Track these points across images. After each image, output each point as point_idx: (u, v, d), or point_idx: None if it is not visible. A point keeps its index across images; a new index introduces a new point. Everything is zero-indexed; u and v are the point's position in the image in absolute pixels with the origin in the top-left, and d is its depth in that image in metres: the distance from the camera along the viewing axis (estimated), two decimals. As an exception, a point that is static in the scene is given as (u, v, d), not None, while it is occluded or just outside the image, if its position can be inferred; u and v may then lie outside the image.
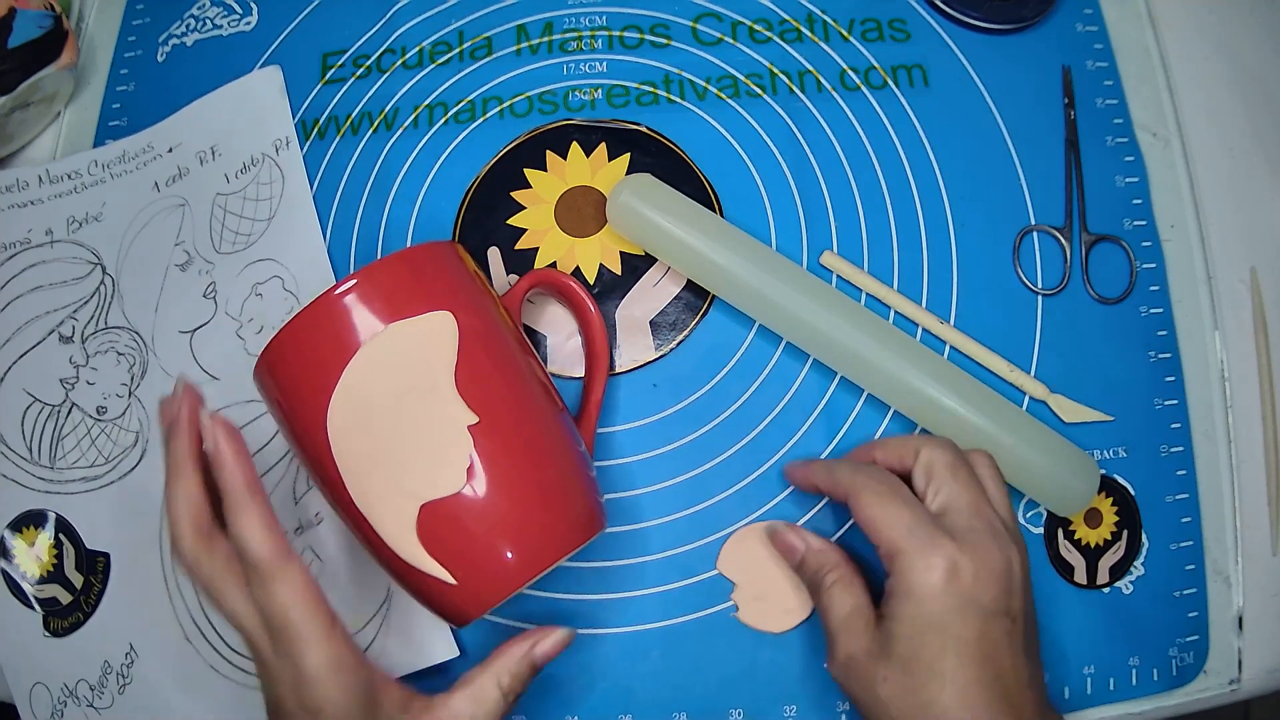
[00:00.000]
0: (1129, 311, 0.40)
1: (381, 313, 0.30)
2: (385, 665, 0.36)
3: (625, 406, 0.38)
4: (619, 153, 0.41)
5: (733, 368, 0.39)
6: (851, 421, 0.38)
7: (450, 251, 0.33)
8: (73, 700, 0.38)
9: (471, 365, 0.30)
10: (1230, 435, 0.39)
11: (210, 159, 0.43)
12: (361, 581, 0.37)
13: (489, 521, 0.29)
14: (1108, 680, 0.36)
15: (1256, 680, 0.37)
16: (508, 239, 0.40)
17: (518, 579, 0.30)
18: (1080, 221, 0.41)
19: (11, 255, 0.42)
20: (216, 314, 0.40)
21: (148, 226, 0.42)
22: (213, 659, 0.37)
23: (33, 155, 0.45)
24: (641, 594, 0.37)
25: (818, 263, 0.40)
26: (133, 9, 0.47)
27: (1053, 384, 0.38)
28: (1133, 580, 0.37)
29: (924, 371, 0.35)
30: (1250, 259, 0.41)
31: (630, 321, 0.39)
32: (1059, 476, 0.35)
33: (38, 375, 0.40)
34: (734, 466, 0.38)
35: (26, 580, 0.39)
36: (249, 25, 0.45)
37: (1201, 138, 0.42)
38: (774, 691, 0.36)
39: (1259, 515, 0.39)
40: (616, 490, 0.38)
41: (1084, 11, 0.44)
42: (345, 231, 0.41)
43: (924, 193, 0.41)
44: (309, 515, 0.38)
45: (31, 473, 0.40)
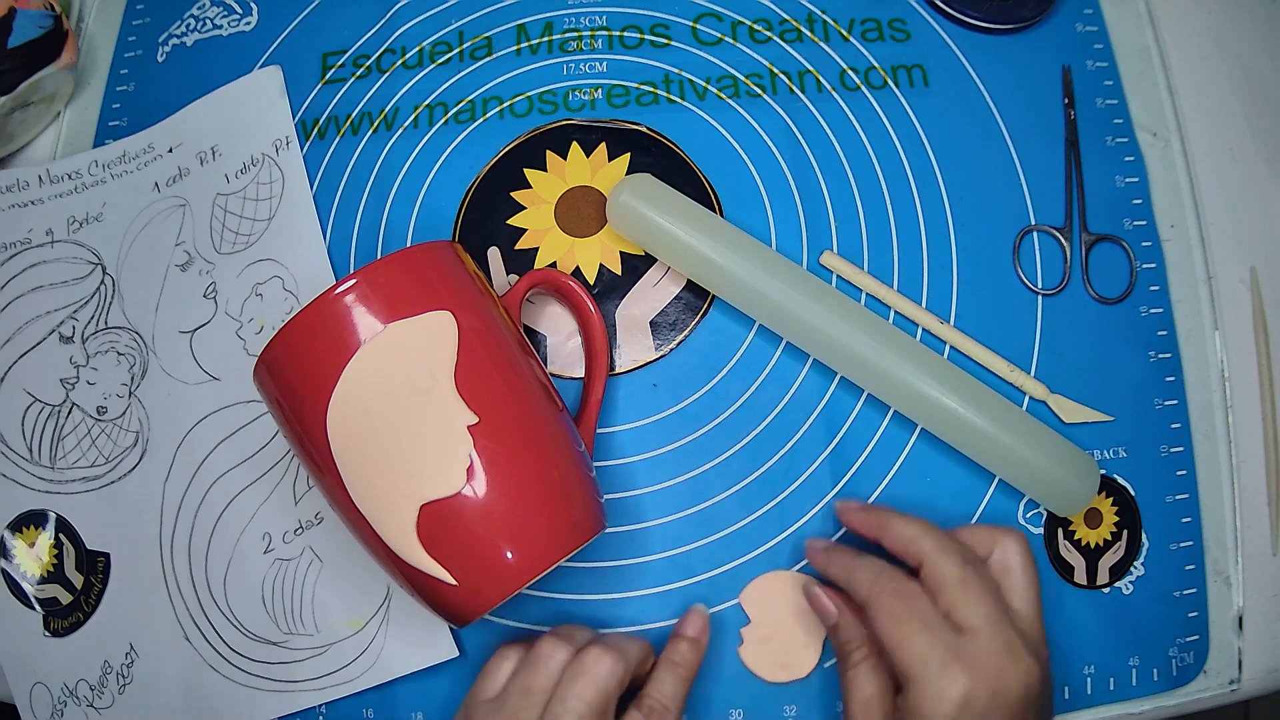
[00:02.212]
0: (1129, 311, 0.40)
1: (381, 313, 0.30)
2: (385, 665, 0.36)
3: (625, 406, 0.38)
4: (619, 153, 0.41)
5: (733, 368, 0.39)
6: (851, 421, 0.38)
7: (450, 251, 0.33)
8: (73, 700, 0.38)
9: (471, 365, 0.30)
10: (1230, 435, 0.39)
11: (210, 159, 0.43)
12: (361, 581, 0.37)
13: (489, 522, 0.29)
14: (1108, 680, 0.36)
15: (1256, 680, 0.37)
16: (508, 239, 0.40)
17: (518, 579, 0.30)
18: (1080, 221, 0.41)
19: (12, 255, 0.42)
20: (216, 314, 0.40)
21: (148, 226, 0.42)
22: (213, 659, 0.37)
23: (33, 155, 0.45)
24: (641, 594, 0.37)
25: (818, 263, 0.40)
26: (133, 9, 0.47)
27: (1053, 384, 0.38)
28: (1133, 580, 0.37)
29: (924, 371, 0.35)
30: (1250, 259, 0.41)
31: (630, 321, 0.39)
32: (1059, 476, 0.35)
33: (38, 375, 0.40)
34: (734, 466, 0.38)
35: (27, 580, 0.39)
36: (249, 25, 0.45)
37: (1201, 138, 0.42)
38: (774, 692, 0.36)
39: (1259, 515, 0.39)
40: (616, 490, 0.38)
41: (1084, 11, 0.44)
42: (345, 231, 0.41)
43: (924, 193, 0.41)
44: (309, 515, 0.38)
45: (32, 473, 0.40)
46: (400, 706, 0.36)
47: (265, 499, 0.38)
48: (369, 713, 0.37)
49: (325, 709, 0.37)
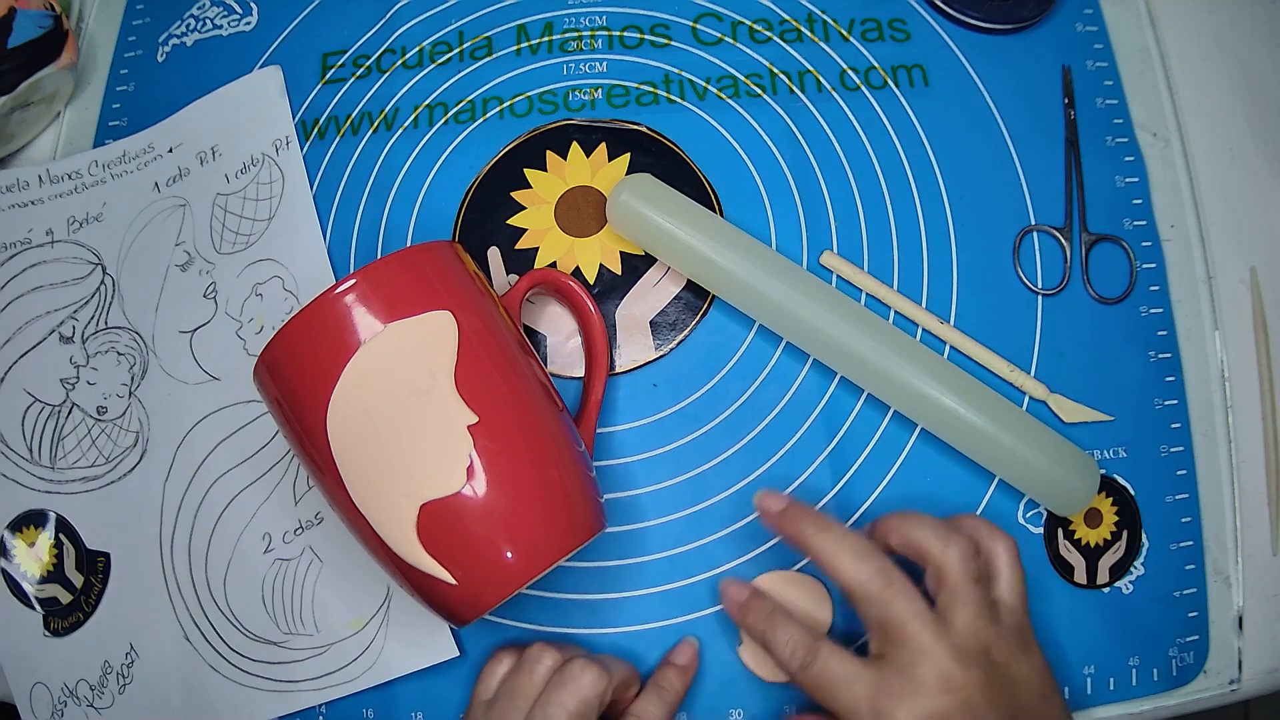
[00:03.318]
0: (1129, 311, 0.40)
1: (381, 312, 0.30)
2: (385, 665, 0.36)
3: (625, 406, 0.38)
4: (619, 153, 0.41)
5: (733, 368, 0.39)
6: (851, 421, 0.38)
7: (450, 251, 0.33)
8: (73, 700, 0.38)
9: (471, 365, 0.30)
10: (1230, 435, 0.39)
11: (210, 159, 0.43)
12: (361, 581, 0.37)
13: (489, 522, 0.29)
14: (1108, 680, 0.36)
15: (1256, 680, 0.37)
16: (508, 239, 0.40)
17: (518, 579, 0.30)
18: (1080, 221, 0.41)
19: (12, 255, 0.42)
20: (216, 314, 0.40)
21: (148, 227, 0.42)
22: (213, 659, 0.37)
23: (33, 155, 0.45)
24: (641, 594, 0.37)
25: (818, 263, 0.40)
26: (133, 9, 0.47)
27: (1053, 384, 0.38)
28: (1133, 580, 0.37)
29: (924, 371, 0.35)
30: (1250, 259, 0.41)
31: (630, 321, 0.39)
32: (1059, 476, 0.35)
33: (38, 375, 0.40)
34: (734, 466, 0.38)
35: (27, 580, 0.39)
36: (249, 25, 0.45)
37: (1201, 138, 0.42)
38: (774, 692, 0.36)
39: (1259, 515, 0.39)
40: (616, 490, 0.38)
41: (1084, 11, 0.44)
42: (345, 231, 0.41)
43: (924, 193, 0.41)
44: (309, 515, 0.38)
45: (32, 473, 0.40)
46: (400, 706, 0.36)
47: (265, 499, 0.38)
48: (369, 713, 0.37)
49: (325, 709, 0.37)
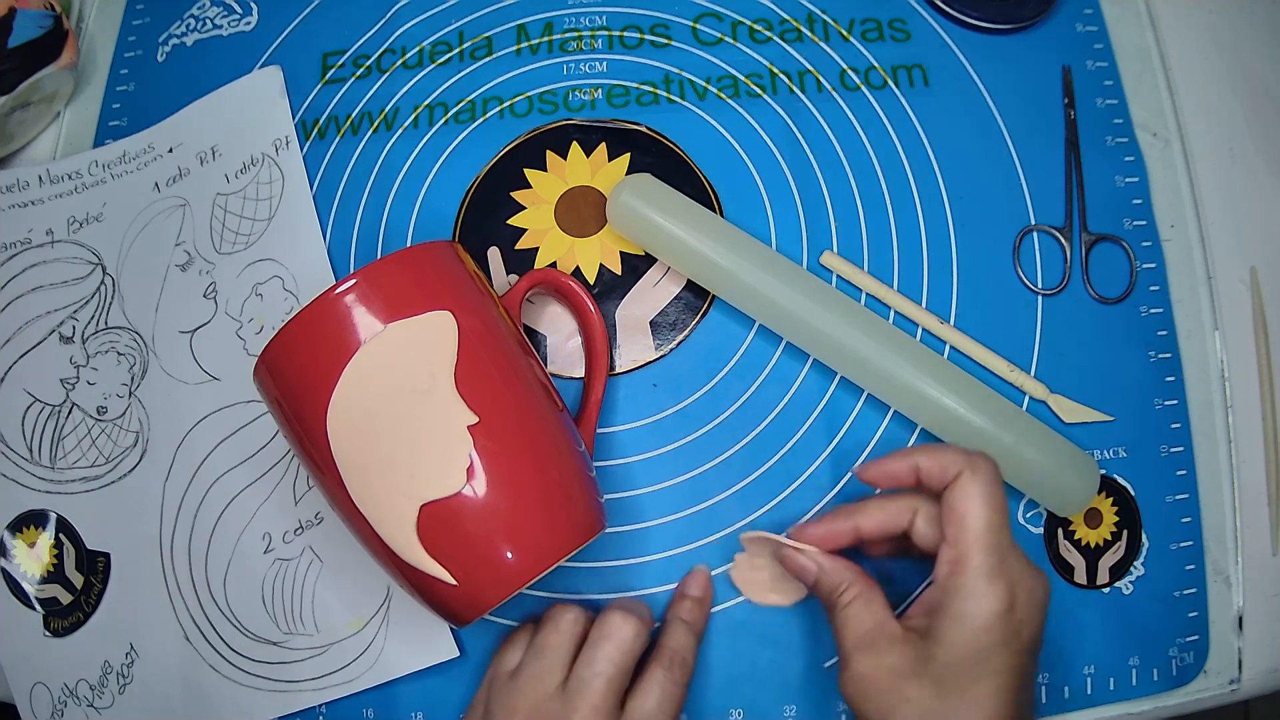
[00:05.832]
0: (1129, 311, 0.40)
1: (381, 312, 0.30)
2: (385, 665, 0.36)
3: (625, 406, 0.38)
4: (619, 153, 0.41)
5: (733, 368, 0.39)
6: (851, 421, 0.38)
7: (450, 251, 0.33)
8: (73, 700, 0.38)
9: (471, 365, 0.30)
10: (1230, 435, 0.39)
11: (210, 159, 0.43)
12: (361, 581, 0.37)
13: (489, 522, 0.29)
14: (1108, 680, 0.36)
15: (1256, 680, 0.37)
16: (508, 239, 0.40)
17: (518, 579, 0.30)
18: (1080, 221, 0.41)
19: (12, 255, 0.42)
20: (216, 314, 0.40)
21: (148, 227, 0.42)
22: (213, 659, 0.37)
23: (33, 155, 0.45)
24: (641, 594, 0.37)
25: (818, 263, 0.40)
26: (133, 9, 0.47)
27: (1053, 384, 0.38)
28: (1133, 580, 0.37)
29: (924, 371, 0.35)
30: (1250, 259, 0.41)
31: (630, 321, 0.39)
32: (1059, 476, 0.35)
33: (38, 375, 0.40)
34: (734, 466, 0.38)
35: (27, 580, 0.39)
36: (249, 25, 0.45)
37: (1201, 138, 0.42)
38: (774, 691, 0.36)
39: (1259, 515, 0.39)
40: (616, 490, 0.38)
41: (1084, 11, 0.44)
42: (345, 231, 0.41)
43: (924, 193, 0.41)
44: (309, 515, 0.38)
45: (32, 473, 0.40)
46: (400, 706, 0.36)
47: (265, 499, 0.38)
48: (369, 713, 0.37)
49: (325, 709, 0.37)
